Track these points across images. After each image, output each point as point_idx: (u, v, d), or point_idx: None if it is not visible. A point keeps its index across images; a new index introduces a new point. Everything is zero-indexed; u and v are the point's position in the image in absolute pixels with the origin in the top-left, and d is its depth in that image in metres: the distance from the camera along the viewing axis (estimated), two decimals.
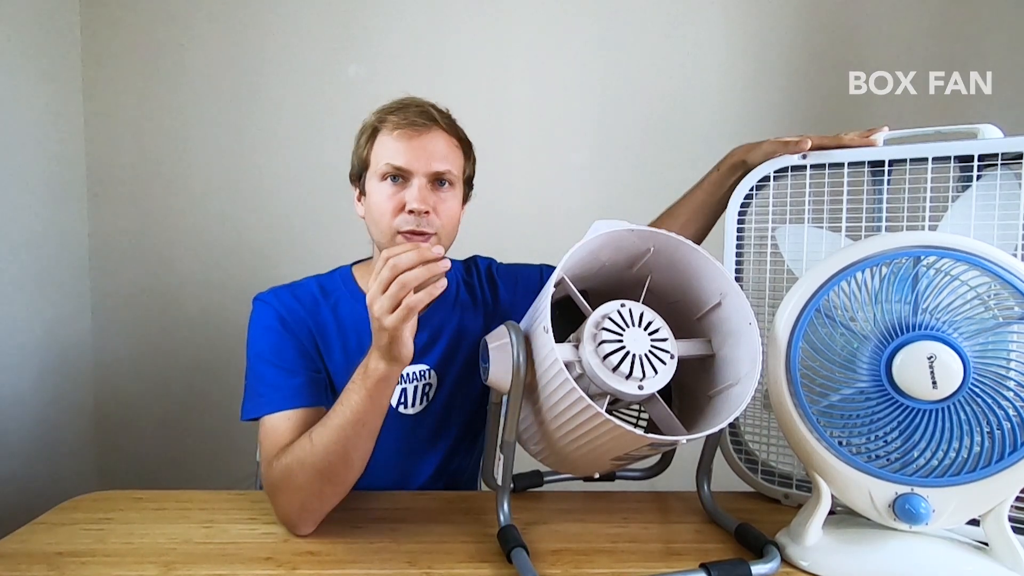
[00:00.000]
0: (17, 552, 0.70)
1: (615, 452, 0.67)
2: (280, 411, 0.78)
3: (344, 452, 0.71)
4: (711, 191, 0.93)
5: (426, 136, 0.83)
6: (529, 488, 0.89)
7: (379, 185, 0.84)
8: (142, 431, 1.56)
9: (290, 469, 0.72)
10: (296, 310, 0.86)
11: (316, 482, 0.71)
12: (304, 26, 1.53)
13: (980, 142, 0.72)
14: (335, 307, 0.88)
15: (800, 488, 0.84)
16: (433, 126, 0.84)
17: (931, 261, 0.63)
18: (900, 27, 1.52)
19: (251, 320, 0.86)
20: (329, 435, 0.71)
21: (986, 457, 0.61)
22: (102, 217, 1.54)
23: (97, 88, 1.52)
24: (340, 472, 0.72)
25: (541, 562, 0.68)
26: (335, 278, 0.92)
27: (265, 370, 0.82)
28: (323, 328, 0.86)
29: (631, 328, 0.66)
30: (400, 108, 0.85)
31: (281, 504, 0.74)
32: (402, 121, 0.83)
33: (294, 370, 0.82)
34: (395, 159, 0.82)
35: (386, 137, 0.83)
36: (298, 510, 0.73)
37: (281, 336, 0.84)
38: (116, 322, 1.55)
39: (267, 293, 0.88)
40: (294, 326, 0.85)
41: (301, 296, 0.88)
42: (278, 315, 0.85)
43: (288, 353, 0.83)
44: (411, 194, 0.81)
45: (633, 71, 1.56)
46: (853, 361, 0.65)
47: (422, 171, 0.82)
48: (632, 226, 0.68)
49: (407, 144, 0.82)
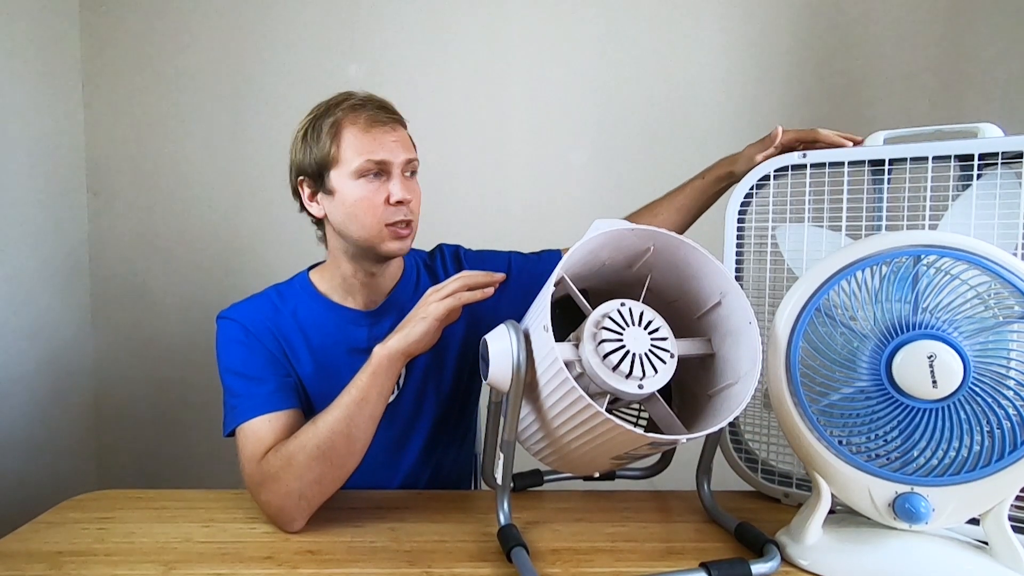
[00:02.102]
0: (17, 551, 0.70)
1: (615, 451, 0.67)
2: (255, 417, 0.80)
3: (347, 431, 0.74)
4: (693, 196, 0.96)
5: (395, 128, 0.86)
6: (529, 487, 0.89)
7: (357, 183, 0.83)
8: (142, 430, 1.56)
9: (290, 454, 0.74)
10: (257, 319, 0.87)
11: (317, 463, 0.73)
12: (304, 26, 1.53)
13: (980, 141, 0.72)
14: (295, 311, 0.90)
15: (800, 487, 0.84)
16: (395, 118, 0.87)
17: (931, 260, 0.63)
18: (900, 26, 1.52)
19: (216, 339, 0.87)
20: (334, 415, 0.74)
21: (986, 456, 0.61)
22: (102, 216, 1.54)
23: (97, 88, 1.52)
24: (342, 452, 0.74)
25: (541, 561, 0.68)
26: (293, 284, 0.93)
27: (235, 383, 0.83)
28: (285, 332, 0.88)
29: (631, 327, 0.66)
30: (360, 104, 0.85)
31: (276, 494, 0.74)
32: (372, 117, 0.84)
33: (263, 378, 0.83)
34: (375, 154, 0.83)
35: (358, 134, 0.83)
36: (296, 499, 0.74)
37: (247, 347, 0.85)
38: (116, 322, 1.55)
39: (227, 310, 0.89)
40: (258, 334, 0.86)
41: (260, 305, 0.89)
42: (242, 327, 0.86)
43: (256, 362, 0.85)
44: (395, 186, 0.83)
45: (633, 70, 1.56)
46: (853, 360, 0.65)
47: (400, 162, 0.84)
48: (632, 225, 0.68)
49: (383, 139, 0.84)
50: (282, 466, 0.74)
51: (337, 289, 0.91)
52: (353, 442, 0.75)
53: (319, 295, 0.91)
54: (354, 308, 0.91)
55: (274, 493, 0.74)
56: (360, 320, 0.91)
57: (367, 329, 0.90)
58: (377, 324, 0.91)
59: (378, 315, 0.91)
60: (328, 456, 0.74)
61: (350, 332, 0.90)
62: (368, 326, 0.91)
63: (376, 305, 0.92)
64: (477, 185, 1.56)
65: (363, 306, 0.91)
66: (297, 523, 0.75)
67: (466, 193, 1.54)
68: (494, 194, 1.57)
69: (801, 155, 0.81)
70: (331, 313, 0.90)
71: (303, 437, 0.75)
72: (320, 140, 0.84)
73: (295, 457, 0.74)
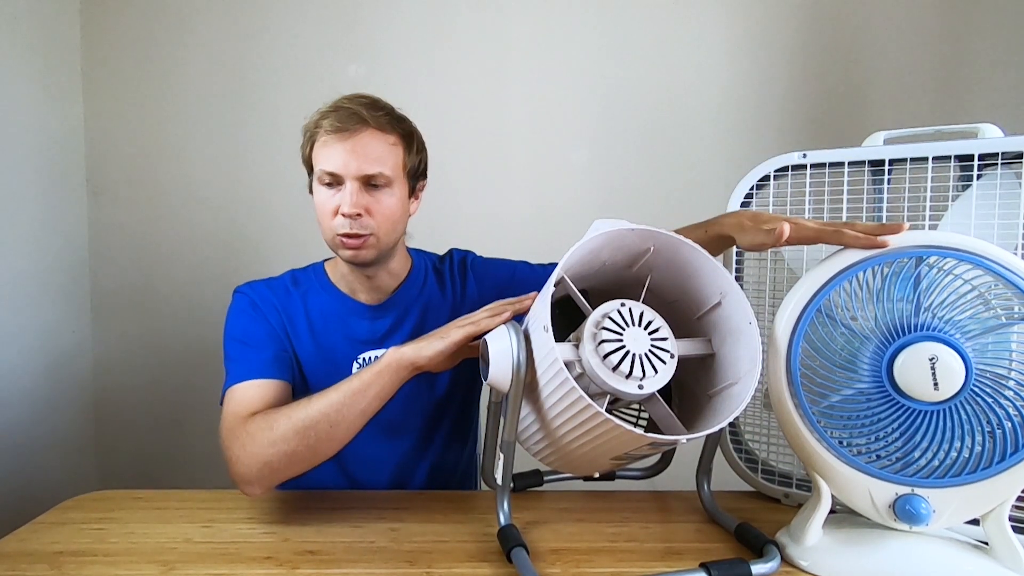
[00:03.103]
0: (17, 552, 0.70)
1: (615, 451, 0.66)
2: (246, 380, 0.83)
3: (333, 418, 0.75)
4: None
5: (356, 138, 0.83)
6: (529, 488, 0.89)
7: (318, 188, 0.87)
8: (142, 430, 1.56)
9: (272, 421, 0.75)
10: (268, 297, 0.91)
11: (294, 437, 0.74)
12: (304, 26, 1.53)
13: (980, 141, 0.72)
14: (305, 295, 0.93)
15: (800, 488, 0.84)
16: (362, 127, 0.83)
17: (933, 261, 0.63)
18: (901, 26, 1.52)
19: (228, 310, 0.92)
20: (328, 398, 0.76)
21: (987, 458, 0.61)
22: (102, 217, 1.54)
23: (97, 88, 1.52)
24: (322, 435, 0.75)
25: (541, 562, 0.68)
26: (308, 272, 0.97)
27: (234, 348, 0.87)
28: (291, 312, 0.92)
29: (631, 327, 0.66)
30: (332, 111, 0.85)
31: (244, 451, 0.75)
32: (331, 126, 0.83)
33: (261, 346, 0.87)
34: (327, 164, 0.84)
35: (319, 141, 0.85)
36: (260, 464, 0.74)
37: (251, 318, 0.89)
38: (115, 321, 1.55)
39: (244, 285, 0.93)
40: (265, 310, 0.90)
41: (274, 286, 0.94)
42: (251, 301, 0.91)
43: (257, 332, 0.88)
44: (343, 198, 0.84)
45: (633, 71, 1.56)
46: (854, 361, 0.65)
47: (352, 175, 0.83)
48: (632, 225, 0.68)
49: (338, 148, 0.83)
50: (261, 428, 0.75)
51: (343, 282, 0.94)
52: (335, 428, 0.75)
53: (330, 284, 0.95)
54: (359, 301, 0.94)
55: (243, 450, 0.75)
56: (364, 313, 0.93)
57: (369, 322, 0.93)
58: (379, 319, 0.93)
59: (381, 310, 0.94)
60: (306, 435, 0.74)
61: (352, 322, 0.93)
62: (370, 319, 0.93)
63: (379, 301, 0.94)
64: (477, 185, 1.56)
65: (367, 300, 0.94)
66: (255, 488, 0.76)
67: (466, 193, 1.54)
68: (494, 194, 1.57)
69: (801, 155, 0.81)
70: (337, 303, 0.93)
71: (291, 409, 0.76)
72: (304, 143, 0.89)
73: (277, 423, 0.75)
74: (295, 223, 1.54)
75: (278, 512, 0.81)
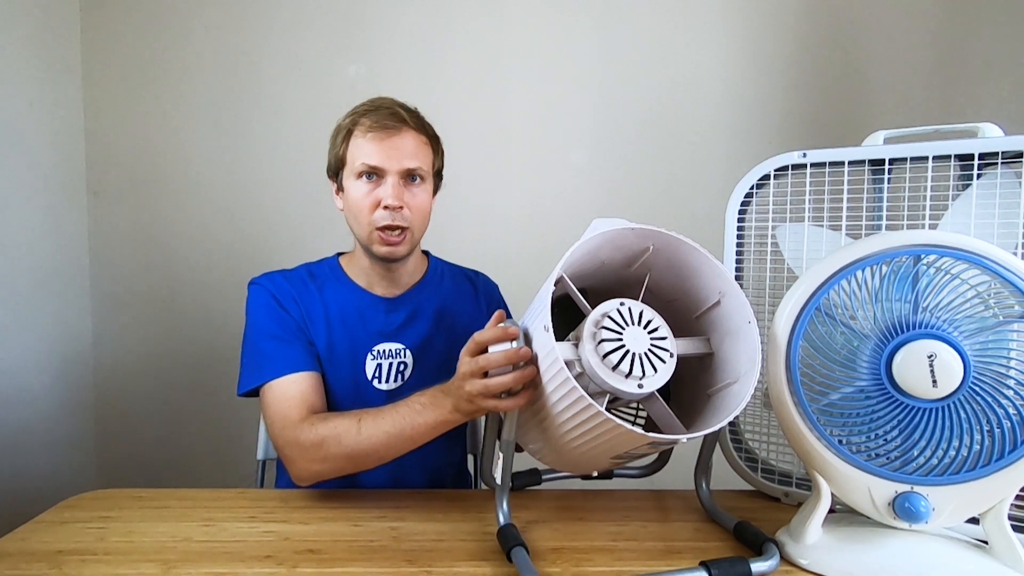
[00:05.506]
0: (17, 550, 0.70)
1: (615, 451, 0.67)
2: (282, 376, 0.86)
3: (383, 453, 0.79)
4: None
5: (397, 136, 0.89)
6: (528, 487, 0.89)
7: (356, 183, 0.90)
8: (142, 430, 1.56)
9: (324, 440, 0.79)
10: (286, 289, 0.94)
11: (343, 461, 0.80)
12: (304, 26, 1.53)
13: (980, 141, 0.72)
14: (321, 288, 0.96)
15: (800, 486, 0.84)
16: (403, 126, 0.90)
17: (932, 260, 0.63)
18: (900, 26, 1.52)
19: (247, 302, 0.94)
20: (379, 434, 0.78)
21: (986, 456, 0.61)
22: (102, 217, 1.54)
23: (97, 88, 1.52)
24: (369, 463, 0.80)
25: (541, 561, 0.68)
26: (323, 265, 1.00)
27: (264, 342, 0.89)
28: (309, 306, 0.94)
29: (630, 327, 0.66)
30: (372, 110, 0.90)
31: (300, 465, 0.81)
32: (374, 123, 0.89)
33: (290, 340, 0.90)
34: (369, 159, 0.88)
35: (360, 138, 0.89)
36: (312, 475, 0.81)
37: (276, 311, 0.92)
38: (116, 321, 1.55)
39: (260, 277, 0.95)
40: (284, 302, 0.93)
41: (291, 278, 0.96)
42: (271, 294, 0.93)
43: (284, 325, 0.91)
44: (385, 191, 0.88)
45: (632, 71, 1.56)
46: (853, 360, 0.65)
47: (394, 169, 0.88)
48: (631, 224, 0.68)
49: (380, 144, 0.88)
50: (314, 446, 0.80)
51: (361, 276, 0.97)
52: (382, 460, 0.80)
53: (346, 278, 0.98)
54: (375, 294, 0.96)
55: (298, 463, 0.81)
56: (379, 305, 0.96)
57: (384, 315, 0.96)
58: (394, 311, 0.96)
59: (396, 304, 0.97)
60: (356, 460, 0.80)
61: (368, 314, 0.96)
62: (385, 312, 0.96)
63: (395, 295, 0.97)
64: (477, 185, 1.56)
65: (384, 294, 0.97)
66: (305, 482, 0.82)
67: (466, 193, 1.54)
68: (494, 194, 1.57)
69: (801, 154, 0.81)
70: (353, 296, 0.96)
71: (343, 432, 0.79)
72: (337, 141, 0.92)
73: (328, 446, 0.79)
74: (295, 223, 1.54)
75: (278, 511, 0.81)
